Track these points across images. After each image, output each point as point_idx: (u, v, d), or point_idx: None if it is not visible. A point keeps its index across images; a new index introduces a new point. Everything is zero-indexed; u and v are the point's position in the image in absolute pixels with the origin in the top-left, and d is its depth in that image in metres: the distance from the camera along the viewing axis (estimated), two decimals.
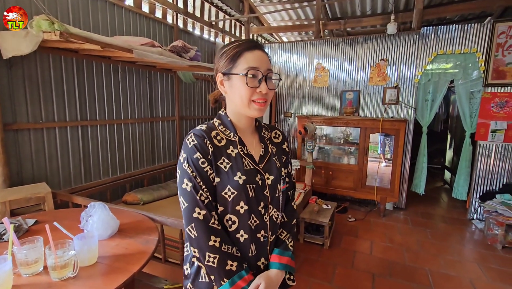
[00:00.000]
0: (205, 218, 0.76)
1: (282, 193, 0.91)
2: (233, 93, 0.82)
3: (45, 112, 2.20)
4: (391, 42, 3.69)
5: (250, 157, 0.85)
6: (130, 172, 3.00)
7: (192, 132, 0.81)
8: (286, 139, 1.00)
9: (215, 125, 0.85)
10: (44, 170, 2.23)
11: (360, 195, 3.79)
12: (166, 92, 3.44)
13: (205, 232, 0.76)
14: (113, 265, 1.09)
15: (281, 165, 0.92)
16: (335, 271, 2.40)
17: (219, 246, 0.76)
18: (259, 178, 0.84)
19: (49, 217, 1.50)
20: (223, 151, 0.82)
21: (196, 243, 0.77)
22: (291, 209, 0.98)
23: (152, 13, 3.19)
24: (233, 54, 0.79)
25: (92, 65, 2.52)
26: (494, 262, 2.60)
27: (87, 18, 2.43)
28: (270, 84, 0.81)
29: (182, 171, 0.79)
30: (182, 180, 0.78)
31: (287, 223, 0.95)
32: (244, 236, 0.82)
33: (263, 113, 0.83)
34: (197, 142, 0.79)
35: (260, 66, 0.79)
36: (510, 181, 3.34)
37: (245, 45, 0.80)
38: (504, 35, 3.18)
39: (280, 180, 0.89)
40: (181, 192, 0.79)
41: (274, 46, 4.43)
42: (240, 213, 0.81)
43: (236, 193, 0.79)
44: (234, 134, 0.85)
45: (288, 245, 0.92)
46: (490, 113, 3.31)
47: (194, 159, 0.78)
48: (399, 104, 3.72)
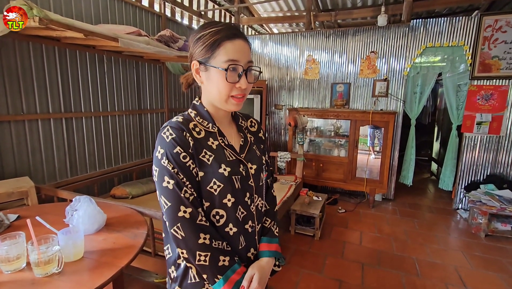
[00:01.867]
0: (192, 216, 0.72)
1: (265, 181, 0.91)
2: (210, 85, 0.77)
3: (26, 104, 2.10)
4: (381, 35, 3.70)
5: (231, 148, 0.82)
6: (118, 166, 2.93)
7: (168, 125, 0.75)
8: (261, 127, 0.98)
9: (191, 116, 0.80)
10: (27, 163, 2.14)
11: (350, 186, 3.84)
12: (154, 84, 3.36)
13: (193, 231, 0.72)
14: (100, 260, 1.07)
15: (261, 153, 0.91)
16: (326, 262, 2.44)
17: (209, 243, 0.73)
18: (243, 168, 0.81)
19: (33, 212, 1.45)
20: (203, 143, 0.77)
21: (184, 243, 0.72)
22: (271, 196, 0.98)
23: (139, 1, 3.08)
24: (211, 42, 0.73)
25: (75, 55, 2.42)
26: (477, 250, 2.69)
27: (69, 5, 2.32)
28: (250, 77, 0.77)
29: (161, 168, 0.72)
30: (162, 178, 0.72)
31: (270, 210, 0.95)
32: (233, 229, 0.80)
33: (240, 108, 0.80)
34: (176, 135, 0.73)
35: (240, 59, 0.73)
36: (494, 171, 3.44)
37: (225, 32, 0.73)
38: (490, 29, 3.23)
39: (263, 168, 0.89)
40: (162, 191, 0.73)
41: (264, 37, 4.37)
42: (227, 206, 0.78)
43: (222, 185, 0.76)
44: (212, 125, 0.81)
45: (274, 232, 0.93)
46: (476, 105, 3.38)
47: (174, 153, 0.72)
48: (389, 97, 3.75)
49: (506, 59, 3.22)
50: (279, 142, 4.48)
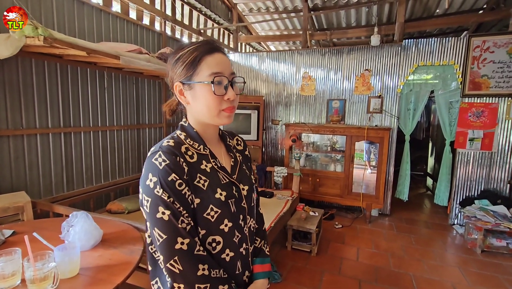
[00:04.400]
0: (189, 247, 0.67)
1: (256, 202, 0.90)
2: (197, 104, 0.74)
3: (26, 119, 2.13)
4: (375, 53, 3.83)
5: (223, 170, 0.78)
6: (115, 180, 2.93)
7: (159, 151, 0.69)
8: (246, 145, 0.97)
9: (181, 139, 0.76)
10: (24, 178, 2.14)
11: (347, 201, 3.85)
12: (153, 99, 3.41)
13: (192, 263, 0.67)
14: (96, 276, 1.06)
15: (250, 172, 0.90)
16: (323, 278, 2.41)
17: (208, 273, 0.69)
18: (235, 190, 0.78)
19: (28, 228, 1.45)
20: (197, 167, 0.73)
21: (182, 278, 0.66)
22: (259, 214, 0.96)
23: (140, 20, 3.18)
24: (191, 59, 0.71)
25: (77, 71, 2.47)
26: (474, 265, 2.69)
27: (72, 24, 2.39)
28: (235, 89, 0.75)
29: (155, 198, 0.66)
30: (156, 209, 0.66)
31: (259, 229, 0.94)
32: (230, 255, 0.76)
33: (232, 120, 0.76)
34: (170, 161, 0.67)
35: (223, 71, 0.71)
36: (488, 187, 3.48)
37: (203, 48, 0.71)
38: (478, 49, 3.36)
39: (253, 188, 0.87)
40: (156, 224, 0.66)
41: (262, 54, 4.49)
42: (224, 231, 0.74)
43: (220, 211, 0.72)
44: (204, 147, 0.77)
45: (265, 252, 0.92)
46: (468, 122, 3.46)
47: (169, 181, 0.66)
48: (383, 113, 3.83)
49: (495, 78, 3.33)
50: (276, 157, 4.51)
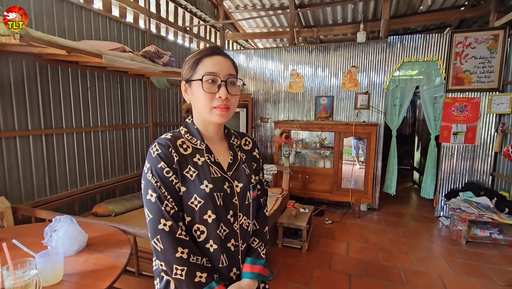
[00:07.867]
0: (171, 229, 0.75)
1: (252, 200, 0.89)
2: (194, 100, 0.83)
3: (4, 121, 2.04)
4: (361, 50, 3.87)
5: (217, 165, 0.83)
6: (101, 182, 2.85)
7: (156, 142, 0.80)
8: (256, 146, 0.99)
9: (181, 134, 0.85)
10: (3, 183, 2.05)
11: (336, 197, 3.89)
12: (139, 98, 3.34)
13: (171, 244, 0.74)
14: (80, 282, 1.03)
15: (251, 172, 0.91)
16: (314, 274, 2.43)
17: (186, 257, 0.74)
18: (228, 185, 0.83)
19: (8, 234, 1.39)
20: (189, 160, 0.81)
21: (163, 255, 0.75)
22: (263, 216, 0.96)
23: (123, 18, 3.10)
24: (193, 61, 0.81)
25: (57, 70, 2.38)
26: (459, 256, 2.77)
27: (51, 22, 2.30)
28: (231, 89, 0.80)
29: (146, 182, 0.77)
30: (147, 191, 0.77)
31: (259, 230, 0.93)
32: (213, 246, 0.80)
33: (225, 120, 0.82)
34: (161, 151, 0.78)
35: (218, 71, 0.79)
36: (471, 179, 3.59)
37: (205, 52, 0.81)
38: (461, 45, 3.45)
39: (250, 187, 0.88)
40: (146, 204, 0.77)
41: (249, 52, 4.47)
42: (208, 222, 0.79)
43: (203, 201, 0.78)
44: (201, 142, 0.84)
45: (260, 253, 0.89)
46: (452, 117, 3.56)
47: (158, 168, 0.76)
48: (370, 109, 3.88)
49: (477, 73, 3.43)
50: (265, 155, 4.51)
